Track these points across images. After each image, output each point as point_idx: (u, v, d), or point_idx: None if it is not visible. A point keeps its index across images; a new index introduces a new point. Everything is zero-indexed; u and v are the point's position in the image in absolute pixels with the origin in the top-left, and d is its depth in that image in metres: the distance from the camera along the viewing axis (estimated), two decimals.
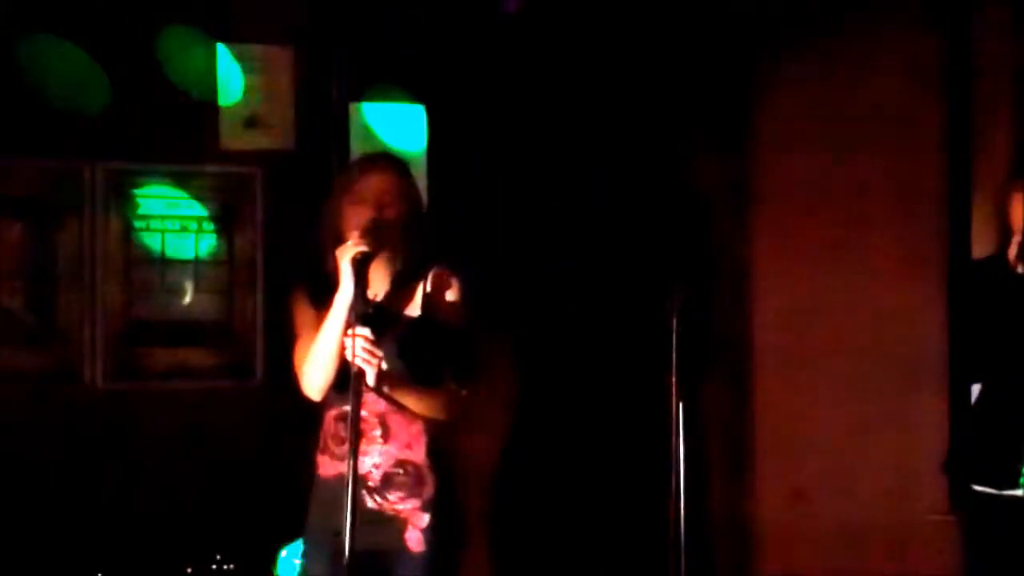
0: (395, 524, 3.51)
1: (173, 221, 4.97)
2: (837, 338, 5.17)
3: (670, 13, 5.24)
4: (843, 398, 5.13)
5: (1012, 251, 3.82)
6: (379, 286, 3.59)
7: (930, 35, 5.04)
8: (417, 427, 3.55)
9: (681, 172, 5.32)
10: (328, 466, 3.57)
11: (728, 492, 5.31)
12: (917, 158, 5.19)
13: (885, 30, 5.08)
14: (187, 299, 4.97)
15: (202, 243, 5.00)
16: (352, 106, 5.07)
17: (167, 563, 4.62)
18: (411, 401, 3.52)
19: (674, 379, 3.59)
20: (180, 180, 4.98)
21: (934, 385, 4.97)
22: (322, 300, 3.53)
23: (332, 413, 3.56)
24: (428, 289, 3.59)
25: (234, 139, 5.00)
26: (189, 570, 4.62)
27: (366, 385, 3.38)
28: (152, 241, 4.95)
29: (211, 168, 5.02)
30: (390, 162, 3.69)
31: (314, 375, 3.52)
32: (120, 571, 4.62)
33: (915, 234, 5.23)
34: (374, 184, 3.57)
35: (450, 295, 3.60)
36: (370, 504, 3.49)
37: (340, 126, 5.04)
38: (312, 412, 3.65)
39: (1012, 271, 3.84)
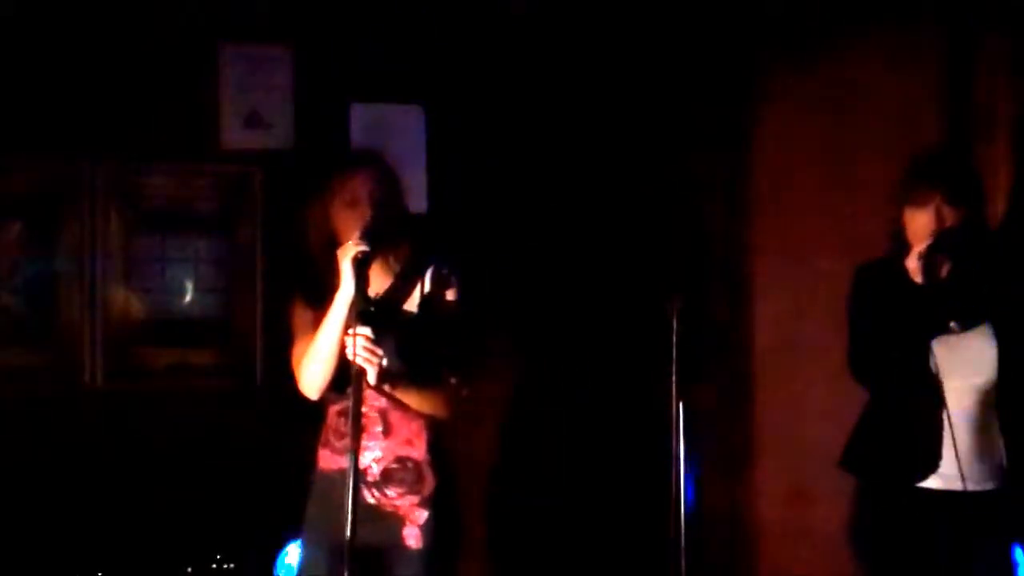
0: (393, 520, 3.52)
1: (173, 221, 4.97)
2: (837, 339, 5.16)
3: (669, 12, 5.24)
4: (843, 398, 5.12)
5: (912, 261, 3.84)
6: (379, 284, 3.60)
7: (930, 34, 5.04)
8: (418, 424, 3.56)
9: (681, 172, 5.32)
10: (329, 460, 3.58)
11: (727, 492, 5.31)
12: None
13: (885, 29, 5.07)
14: (187, 299, 4.97)
15: (202, 243, 4.99)
16: (352, 106, 5.08)
17: (167, 563, 4.62)
18: (411, 398, 3.53)
19: (674, 379, 3.60)
20: (180, 179, 4.98)
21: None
22: (319, 300, 3.53)
23: (335, 407, 3.58)
24: (427, 288, 3.60)
25: (234, 139, 5.01)
26: (189, 570, 4.62)
27: (367, 383, 3.39)
28: (152, 241, 4.95)
29: (211, 168, 5.02)
30: (374, 160, 3.71)
31: (313, 374, 3.54)
32: (120, 571, 4.61)
33: None
34: (365, 183, 3.58)
35: (449, 294, 3.61)
36: (369, 499, 3.50)
37: (340, 126, 5.04)
38: (312, 412, 3.66)
39: (906, 278, 3.85)
